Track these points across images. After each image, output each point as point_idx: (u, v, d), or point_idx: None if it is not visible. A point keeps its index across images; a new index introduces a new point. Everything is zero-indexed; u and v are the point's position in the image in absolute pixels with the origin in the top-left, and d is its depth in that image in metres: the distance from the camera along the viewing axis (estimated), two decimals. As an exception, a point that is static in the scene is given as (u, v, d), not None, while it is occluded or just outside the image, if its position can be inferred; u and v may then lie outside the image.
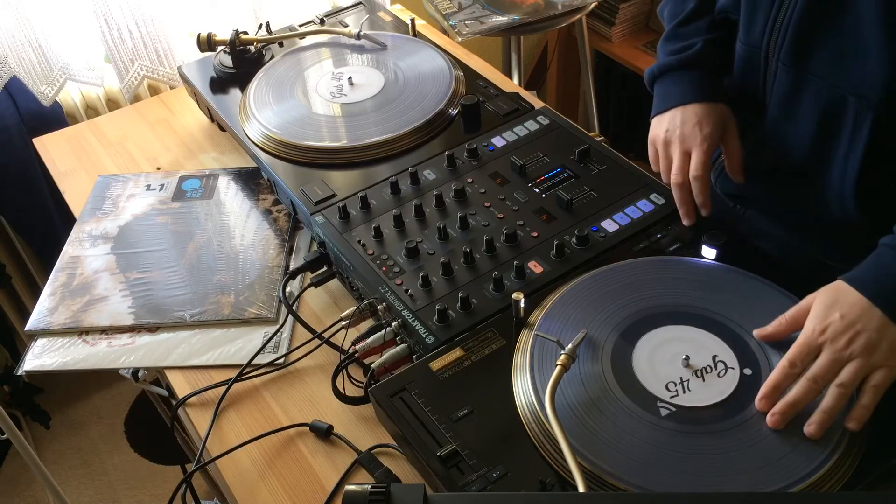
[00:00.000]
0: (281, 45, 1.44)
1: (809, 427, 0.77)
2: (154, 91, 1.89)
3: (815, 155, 0.96)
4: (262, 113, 1.26)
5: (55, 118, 1.81)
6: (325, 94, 1.29)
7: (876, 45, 0.84)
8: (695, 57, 1.03)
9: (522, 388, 0.83)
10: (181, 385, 1.05)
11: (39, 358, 1.09)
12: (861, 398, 0.77)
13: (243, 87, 1.34)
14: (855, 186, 0.93)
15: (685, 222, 1.00)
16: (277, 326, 1.08)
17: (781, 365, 0.79)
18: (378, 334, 0.97)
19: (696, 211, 1.00)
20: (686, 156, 0.99)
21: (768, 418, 0.78)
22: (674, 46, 1.06)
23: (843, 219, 0.95)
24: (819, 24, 0.88)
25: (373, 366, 0.93)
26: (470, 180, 1.11)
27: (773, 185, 1.04)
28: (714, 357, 0.84)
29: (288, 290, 1.11)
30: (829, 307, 0.80)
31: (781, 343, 0.83)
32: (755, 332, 0.85)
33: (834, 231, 0.99)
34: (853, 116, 0.90)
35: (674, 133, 1.01)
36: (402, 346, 0.95)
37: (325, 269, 1.11)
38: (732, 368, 0.83)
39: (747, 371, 0.82)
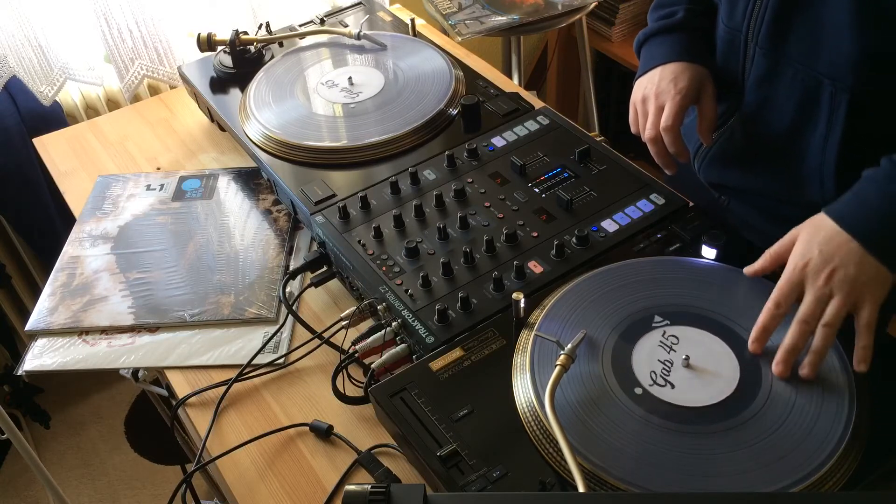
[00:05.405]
0: (281, 45, 1.44)
1: (803, 370, 0.78)
2: (154, 91, 1.89)
3: (794, 139, 0.97)
4: (262, 113, 1.26)
5: (55, 118, 1.81)
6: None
7: (848, 28, 0.85)
8: (677, 22, 1.06)
9: (522, 388, 0.83)
10: (181, 385, 1.05)
11: (39, 358, 1.09)
12: (858, 340, 0.78)
13: (243, 87, 1.34)
14: (835, 169, 0.94)
15: (668, 172, 1.03)
16: (277, 326, 1.08)
17: (767, 306, 0.81)
18: (378, 334, 0.97)
19: (676, 163, 1.02)
20: (660, 110, 1.01)
21: (774, 368, 0.80)
22: (659, 13, 1.10)
23: (822, 202, 0.96)
24: (794, 7, 0.89)
25: (373, 366, 0.93)
26: (470, 180, 1.11)
27: (753, 169, 1.05)
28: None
29: (288, 290, 1.11)
30: (809, 242, 0.81)
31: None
32: (744, 270, 0.87)
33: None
34: (829, 100, 0.91)
35: (651, 90, 1.03)
36: (402, 346, 0.95)
37: (325, 269, 1.11)
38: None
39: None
